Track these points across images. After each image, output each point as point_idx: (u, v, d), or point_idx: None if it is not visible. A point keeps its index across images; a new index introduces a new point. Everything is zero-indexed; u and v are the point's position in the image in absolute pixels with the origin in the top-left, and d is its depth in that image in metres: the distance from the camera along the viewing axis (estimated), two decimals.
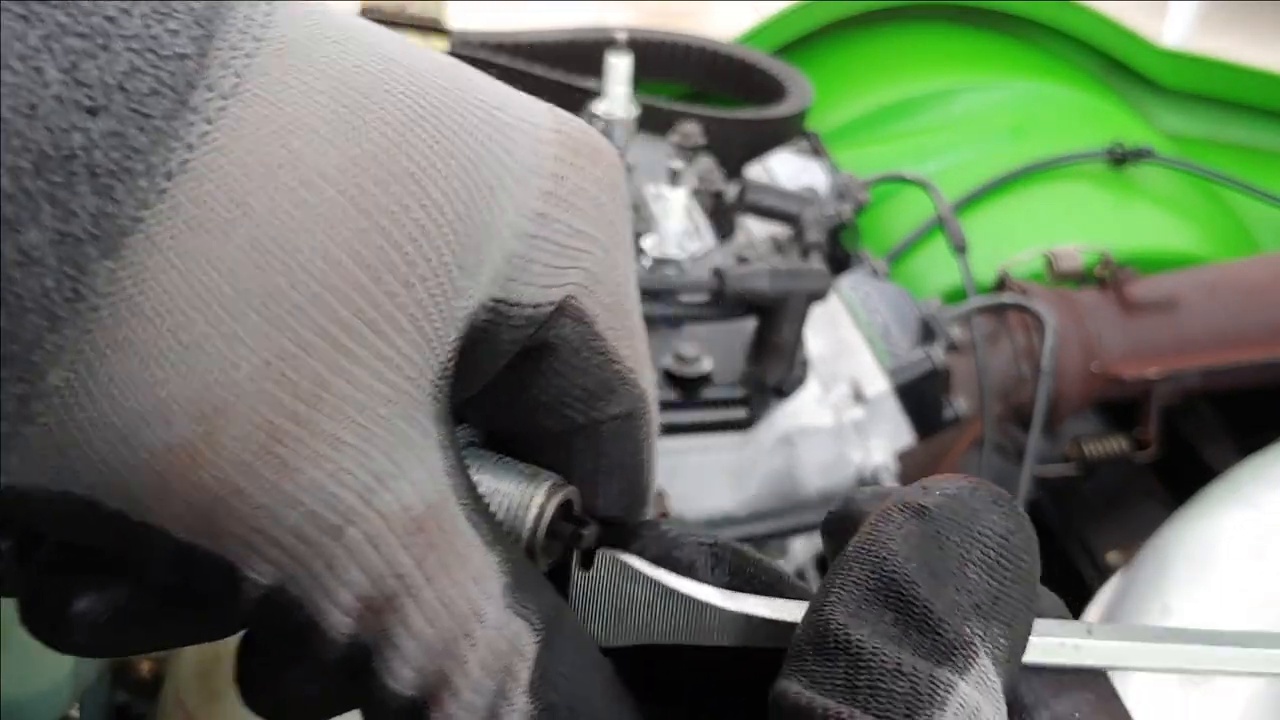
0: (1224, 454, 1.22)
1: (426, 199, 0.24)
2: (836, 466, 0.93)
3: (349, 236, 0.23)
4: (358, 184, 0.23)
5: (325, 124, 0.23)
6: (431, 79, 0.25)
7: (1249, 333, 1.15)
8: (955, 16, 1.63)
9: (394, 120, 0.24)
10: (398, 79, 0.24)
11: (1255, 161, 1.53)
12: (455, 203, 0.24)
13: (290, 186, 0.22)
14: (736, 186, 1.07)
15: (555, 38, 1.29)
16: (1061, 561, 1.20)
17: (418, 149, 0.24)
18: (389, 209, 0.23)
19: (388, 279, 0.23)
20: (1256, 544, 0.79)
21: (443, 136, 0.25)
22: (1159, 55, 1.59)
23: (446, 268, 0.24)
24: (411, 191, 0.24)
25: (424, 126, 0.24)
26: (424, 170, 0.24)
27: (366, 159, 0.23)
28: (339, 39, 0.24)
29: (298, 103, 0.23)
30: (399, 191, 0.24)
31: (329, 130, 0.23)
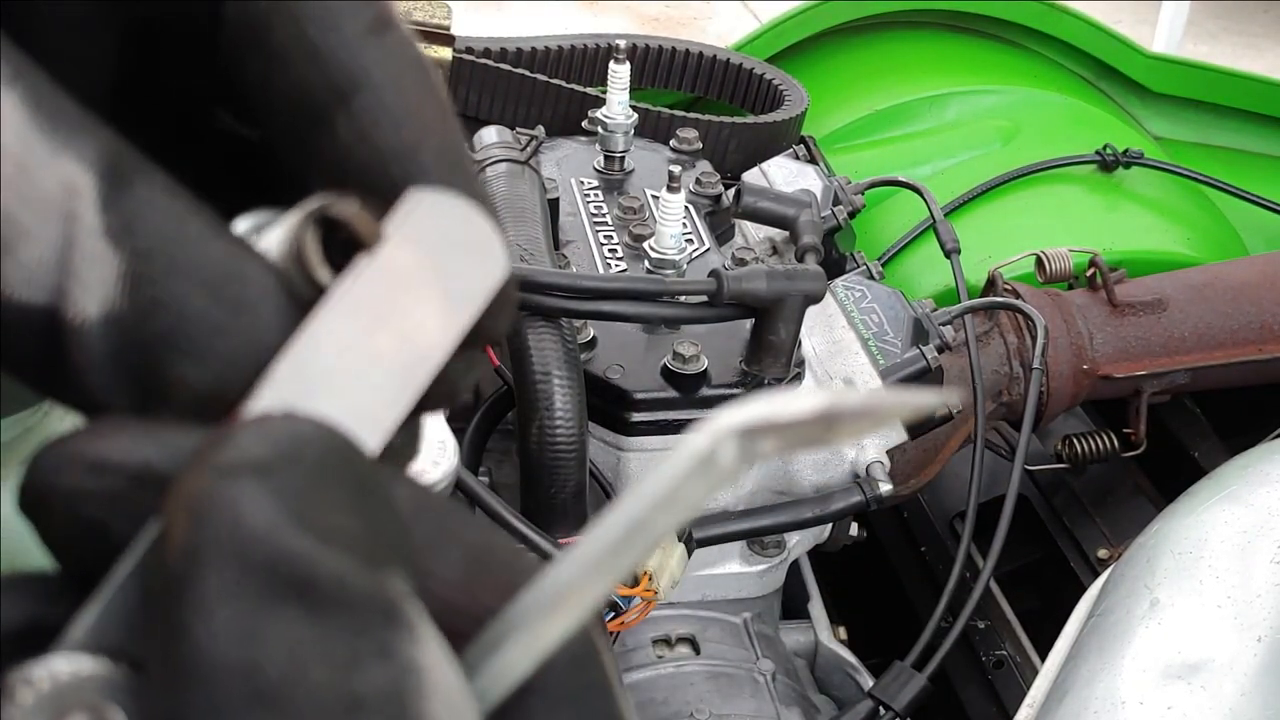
0: (1212, 451, 1.23)
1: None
2: (831, 463, 0.95)
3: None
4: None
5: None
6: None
7: (1237, 332, 1.17)
8: (947, 24, 1.65)
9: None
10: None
11: (1243, 165, 1.55)
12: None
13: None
14: (733, 190, 1.09)
15: (556, 45, 1.31)
16: (1052, 557, 1.21)
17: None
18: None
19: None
20: (1244, 539, 0.80)
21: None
22: (1148, 60, 1.61)
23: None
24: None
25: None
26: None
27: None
28: None
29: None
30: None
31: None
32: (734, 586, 0.97)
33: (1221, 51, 3.97)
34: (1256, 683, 0.70)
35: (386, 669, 0.17)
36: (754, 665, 0.92)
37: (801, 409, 0.19)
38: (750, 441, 0.19)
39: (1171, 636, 0.73)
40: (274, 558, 0.18)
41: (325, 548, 0.18)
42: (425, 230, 0.22)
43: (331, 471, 0.19)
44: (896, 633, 1.06)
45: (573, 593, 0.20)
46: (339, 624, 0.17)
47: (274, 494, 0.18)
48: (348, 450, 0.20)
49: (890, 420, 0.19)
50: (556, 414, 0.81)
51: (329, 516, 0.18)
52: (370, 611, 0.18)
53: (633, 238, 1.00)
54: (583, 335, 0.89)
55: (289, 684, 0.17)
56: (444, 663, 0.19)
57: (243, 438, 0.19)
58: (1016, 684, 1.07)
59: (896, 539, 1.28)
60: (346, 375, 0.21)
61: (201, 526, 0.18)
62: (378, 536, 0.19)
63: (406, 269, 0.22)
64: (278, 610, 0.17)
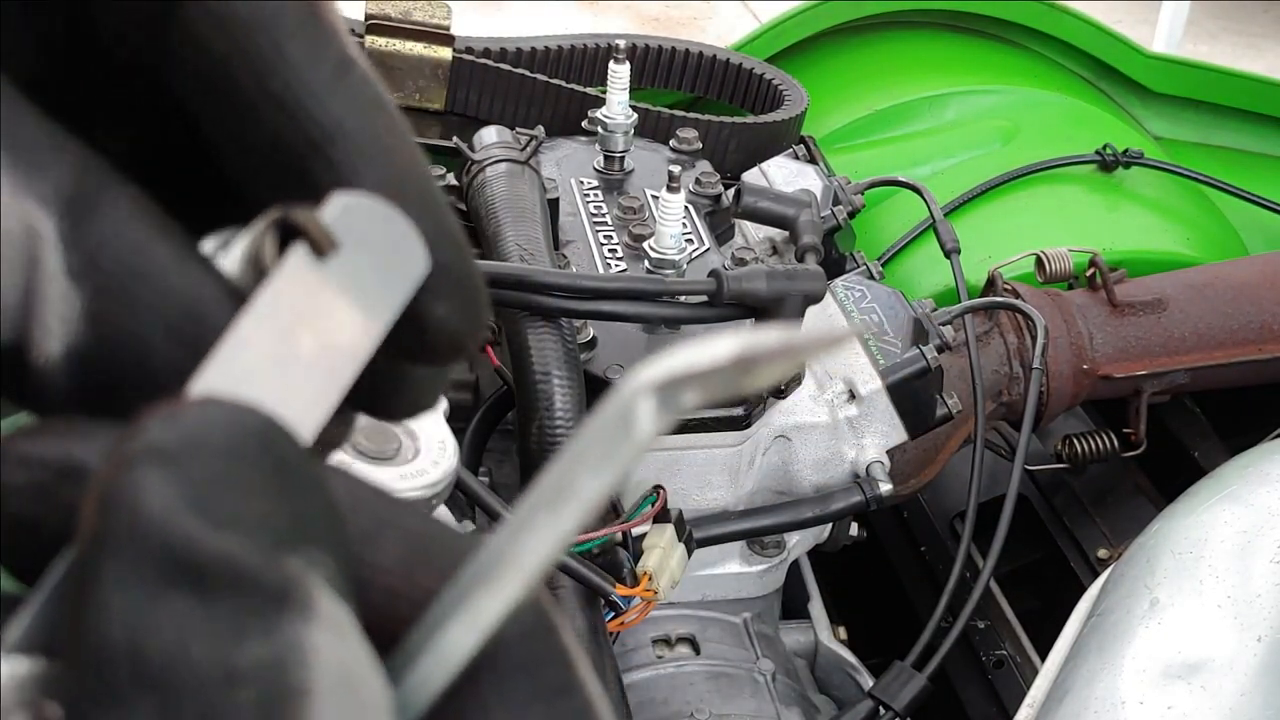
0: (1212, 451, 1.23)
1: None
2: (831, 462, 0.95)
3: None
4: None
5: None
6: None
7: (1236, 332, 1.17)
8: (947, 24, 1.65)
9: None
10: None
11: (1243, 165, 1.55)
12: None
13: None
14: (733, 190, 1.09)
15: (556, 45, 1.31)
16: (1053, 557, 1.21)
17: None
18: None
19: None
20: (1244, 539, 0.80)
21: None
22: (1148, 60, 1.61)
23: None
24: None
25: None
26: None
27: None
28: None
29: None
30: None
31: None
32: (734, 586, 0.97)
33: (1221, 51, 3.97)
34: (1256, 682, 0.70)
35: (267, 644, 0.18)
36: (754, 665, 0.92)
37: (716, 354, 0.19)
38: (670, 394, 0.19)
39: (1171, 636, 0.73)
40: (167, 543, 0.18)
41: (217, 531, 0.18)
42: (346, 231, 0.23)
43: (243, 455, 0.19)
44: (896, 633, 1.06)
45: (509, 561, 0.20)
46: (225, 605, 0.18)
47: (173, 480, 0.19)
48: (267, 434, 0.20)
49: (807, 356, 0.19)
50: (556, 414, 0.81)
51: (232, 500, 0.19)
52: (259, 592, 0.18)
53: (633, 238, 1.00)
54: (583, 335, 0.89)
55: (171, 664, 0.17)
56: (344, 643, 0.19)
57: (150, 426, 0.19)
58: (1016, 684, 1.07)
59: (896, 539, 1.28)
60: (270, 372, 0.22)
61: (104, 516, 0.18)
62: (289, 519, 0.19)
63: (326, 268, 0.23)
64: (167, 594, 0.18)
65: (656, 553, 0.81)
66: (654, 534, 0.83)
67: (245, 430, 0.20)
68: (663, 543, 0.82)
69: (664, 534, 0.82)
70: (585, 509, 0.20)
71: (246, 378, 0.22)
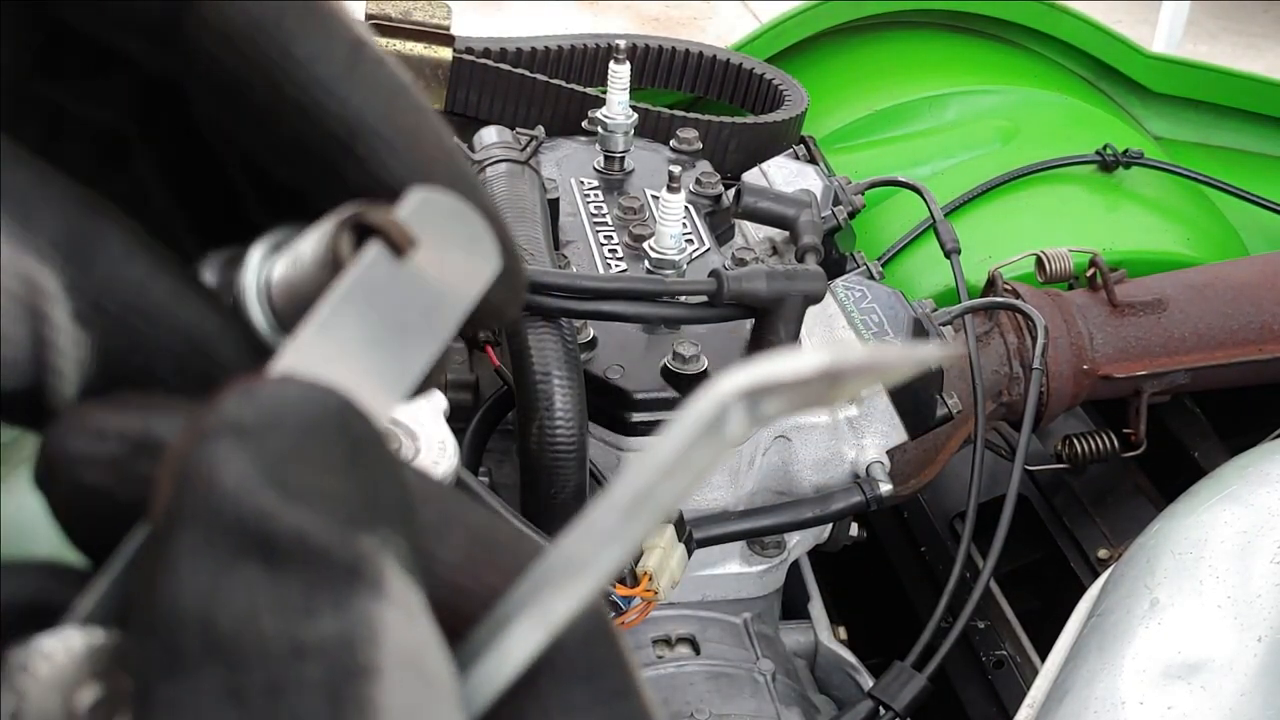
0: (1212, 452, 1.23)
1: None
2: (831, 463, 0.95)
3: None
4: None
5: None
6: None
7: (1236, 332, 1.17)
8: (947, 24, 1.65)
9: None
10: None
11: (1243, 165, 1.55)
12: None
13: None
14: (733, 191, 1.09)
15: (556, 45, 1.31)
16: (1053, 557, 1.21)
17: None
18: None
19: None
20: (1244, 540, 0.80)
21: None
22: (1148, 60, 1.61)
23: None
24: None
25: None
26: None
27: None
28: None
29: None
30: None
31: None
32: (734, 587, 0.97)
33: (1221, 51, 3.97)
34: (1256, 683, 0.70)
35: (337, 619, 0.18)
36: (754, 665, 0.92)
37: (804, 367, 0.19)
38: (754, 403, 0.19)
39: (1171, 636, 0.73)
40: (241, 515, 0.18)
41: (292, 505, 0.18)
42: (421, 224, 0.23)
43: (319, 433, 0.20)
44: (896, 633, 1.06)
45: (581, 566, 0.20)
46: (297, 579, 0.18)
47: (250, 455, 0.19)
48: (344, 414, 0.20)
49: (892, 375, 0.19)
50: (556, 414, 0.81)
51: (307, 477, 0.19)
52: (330, 567, 0.18)
53: (633, 238, 1.00)
54: (583, 335, 0.89)
55: (239, 634, 0.17)
56: (414, 624, 0.19)
57: (228, 402, 0.19)
58: (1016, 684, 1.07)
59: (897, 539, 1.28)
60: (347, 358, 0.22)
61: (179, 488, 0.19)
62: (363, 498, 0.19)
63: (403, 263, 0.23)
64: (239, 566, 0.18)
65: (657, 553, 0.81)
66: (654, 534, 0.83)
67: (322, 409, 0.20)
68: (663, 543, 0.82)
69: (664, 534, 0.82)
70: (662, 514, 0.20)
71: (324, 362, 0.22)
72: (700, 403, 0.19)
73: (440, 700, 0.19)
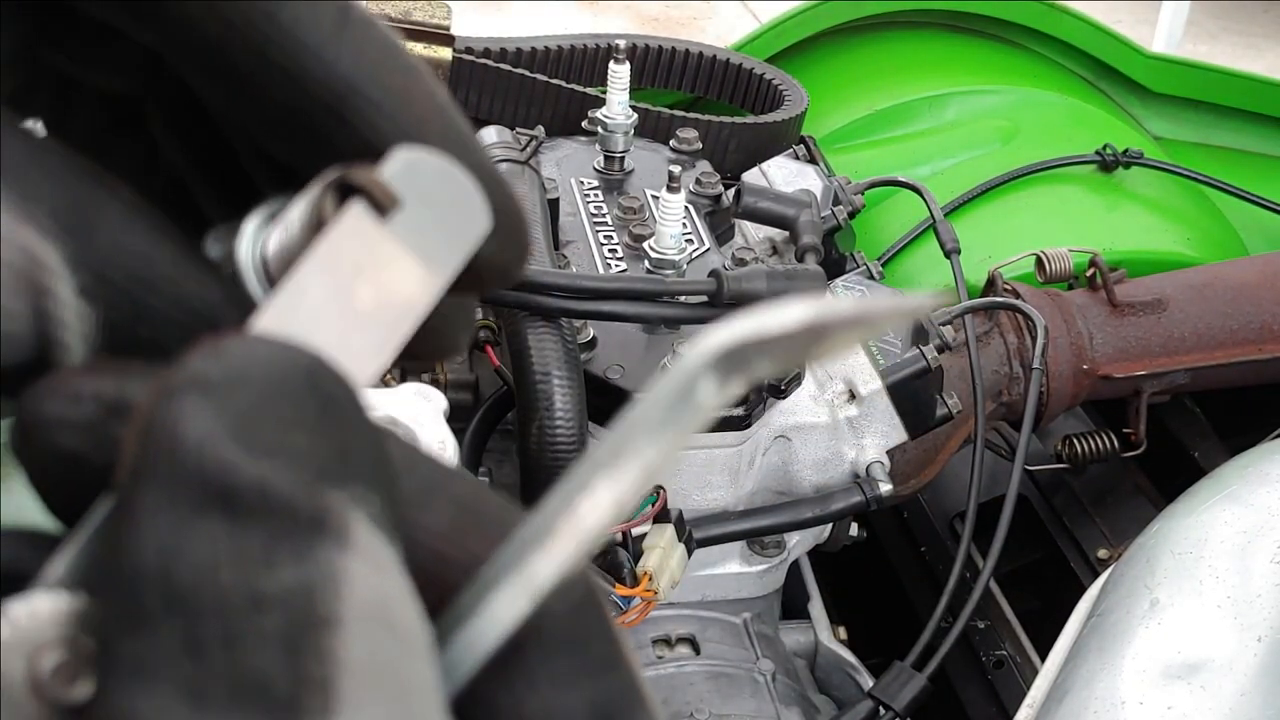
0: (1212, 452, 1.23)
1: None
2: (831, 463, 0.95)
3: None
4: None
5: None
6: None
7: (1236, 332, 1.17)
8: (947, 24, 1.65)
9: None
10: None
11: (1243, 165, 1.55)
12: None
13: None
14: (733, 191, 1.09)
15: (556, 45, 1.31)
16: (1053, 557, 1.21)
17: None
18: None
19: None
20: (1244, 539, 0.80)
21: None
22: (1148, 61, 1.61)
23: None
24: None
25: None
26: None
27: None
28: None
29: None
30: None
31: None
32: (734, 587, 0.97)
33: (1221, 51, 3.97)
34: (1256, 683, 0.70)
35: (297, 570, 0.17)
36: (754, 665, 0.92)
37: (785, 321, 0.18)
38: (737, 360, 0.18)
39: (1171, 636, 0.73)
40: (203, 470, 0.18)
41: (254, 459, 0.18)
42: (407, 187, 0.23)
43: (287, 390, 0.19)
44: (896, 633, 1.06)
45: (565, 523, 0.20)
46: (258, 531, 0.18)
47: (214, 410, 0.18)
48: (315, 371, 0.20)
49: (879, 327, 0.18)
50: (556, 414, 0.81)
51: (273, 433, 0.19)
52: (293, 520, 0.18)
53: (633, 238, 1.00)
54: (583, 335, 0.89)
55: (197, 587, 0.17)
56: (382, 577, 0.18)
57: (194, 360, 0.19)
58: (1016, 684, 1.07)
59: (896, 539, 1.28)
60: (326, 321, 0.22)
61: (143, 445, 0.18)
62: (333, 454, 0.19)
63: (387, 224, 0.22)
64: (200, 520, 0.18)
65: (656, 553, 0.81)
66: (654, 534, 0.83)
67: (291, 366, 0.20)
68: (663, 543, 0.82)
69: (664, 534, 0.82)
70: (644, 474, 0.19)
71: (301, 324, 0.21)
72: (685, 359, 0.19)
73: (409, 655, 0.18)
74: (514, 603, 0.20)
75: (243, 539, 0.17)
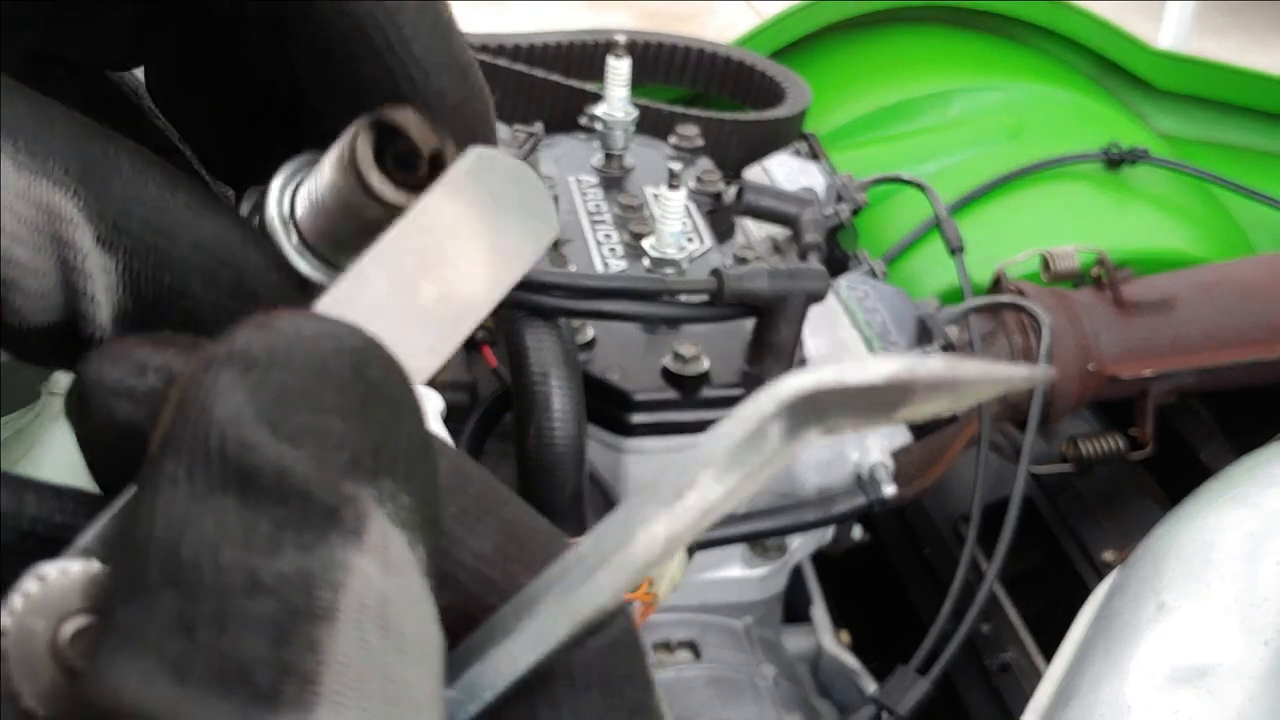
0: (1220, 453, 1.22)
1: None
2: (834, 464, 0.94)
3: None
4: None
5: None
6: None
7: (1244, 332, 1.16)
8: (951, 19, 1.64)
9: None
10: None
11: (1250, 162, 1.54)
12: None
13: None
14: (735, 188, 1.08)
15: (555, 41, 1.30)
16: (1058, 559, 1.20)
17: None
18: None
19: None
20: (1252, 542, 0.79)
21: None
22: (1154, 57, 1.59)
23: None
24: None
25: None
26: None
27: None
28: None
29: None
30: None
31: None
32: (735, 590, 0.96)
33: (1228, 48, 3.95)
34: (1264, 687, 0.70)
35: (299, 559, 0.17)
36: (755, 670, 0.91)
37: (874, 374, 0.17)
38: (817, 407, 0.18)
39: (1178, 640, 0.72)
40: (225, 447, 0.18)
41: (279, 442, 0.18)
42: (479, 185, 0.22)
43: (331, 373, 0.19)
44: (900, 637, 1.05)
45: (616, 556, 0.19)
46: (269, 514, 0.17)
47: (249, 388, 0.18)
48: (364, 357, 0.19)
49: (970, 395, 0.18)
50: (554, 416, 0.80)
51: (307, 416, 0.18)
52: (306, 508, 0.18)
53: (632, 236, 0.99)
54: (582, 336, 0.88)
55: (198, 563, 0.17)
56: (391, 577, 0.18)
57: (240, 333, 0.19)
58: (1021, 689, 1.06)
59: (900, 542, 1.27)
60: (387, 311, 0.22)
61: (177, 416, 0.18)
62: (368, 446, 0.18)
63: (457, 219, 0.22)
64: (214, 497, 0.17)
65: None
66: None
67: (339, 348, 0.19)
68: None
69: None
70: (704, 514, 0.19)
71: (361, 311, 0.21)
72: (759, 399, 0.18)
73: (406, 660, 0.18)
74: (552, 628, 0.19)
75: (251, 521, 0.17)
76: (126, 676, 0.16)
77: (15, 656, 0.18)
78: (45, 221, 0.21)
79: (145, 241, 0.22)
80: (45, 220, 0.21)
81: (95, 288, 0.21)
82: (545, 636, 0.19)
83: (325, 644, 0.17)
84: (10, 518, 0.20)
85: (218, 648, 0.16)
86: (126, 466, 0.20)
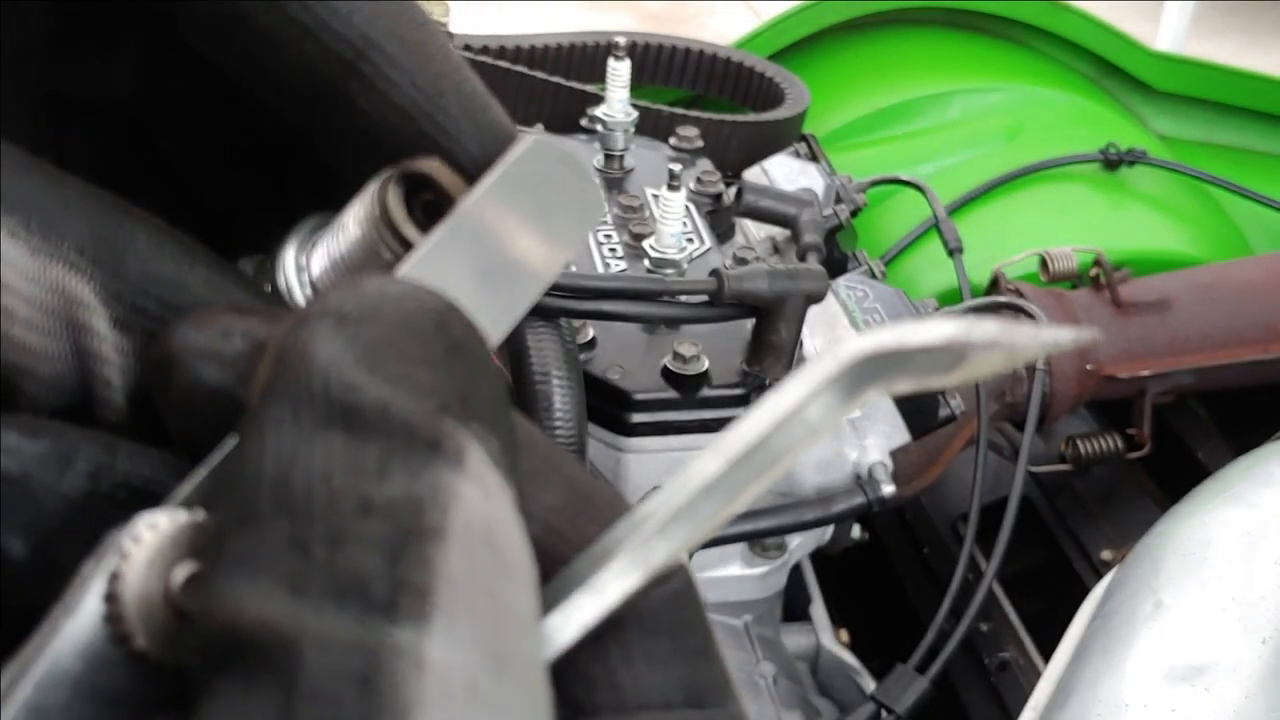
0: (1217, 452, 1.23)
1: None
2: (834, 464, 0.94)
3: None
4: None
5: None
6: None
7: (1242, 332, 1.16)
8: (950, 21, 1.64)
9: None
10: None
11: (1247, 164, 1.54)
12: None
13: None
14: (734, 189, 1.08)
15: (556, 42, 1.30)
16: (1056, 559, 1.21)
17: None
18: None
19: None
20: (1249, 541, 0.79)
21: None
22: (1152, 59, 1.60)
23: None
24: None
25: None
26: None
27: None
28: None
29: None
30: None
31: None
32: (735, 589, 0.97)
33: (1226, 49, 3.95)
34: (1261, 685, 0.70)
35: (408, 482, 0.18)
36: (755, 668, 0.91)
37: (932, 336, 0.18)
38: (879, 368, 0.18)
39: (1176, 639, 0.72)
40: (328, 388, 0.18)
41: (379, 381, 0.19)
42: (534, 170, 0.24)
43: (417, 328, 0.20)
44: (899, 635, 1.06)
45: (686, 511, 0.20)
46: (375, 445, 0.18)
47: (345, 337, 0.19)
48: (446, 315, 0.20)
49: (1023, 355, 0.18)
50: (556, 415, 0.80)
51: (399, 365, 0.19)
52: (410, 439, 0.18)
53: (632, 237, 0.99)
54: (582, 335, 0.89)
55: (310, 491, 0.18)
56: (492, 501, 0.19)
57: (332, 294, 0.20)
58: (1020, 687, 1.06)
59: (899, 541, 1.27)
60: (462, 279, 0.23)
61: (275, 367, 0.19)
62: (456, 393, 0.19)
63: (513, 202, 0.23)
64: (321, 433, 0.18)
65: None
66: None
67: (423, 307, 0.20)
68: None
69: None
70: (772, 470, 0.20)
71: (437, 277, 0.22)
72: (824, 359, 0.19)
73: (510, 578, 0.19)
74: (625, 577, 0.20)
75: (359, 451, 0.18)
76: (244, 594, 0.17)
77: (129, 600, 0.19)
78: (60, 306, 0.21)
79: (161, 322, 0.22)
80: (60, 304, 0.21)
81: (110, 371, 0.22)
82: (619, 585, 0.20)
83: (437, 560, 0.17)
84: (106, 469, 0.20)
85: (334, 565, 0.17)
86: (213, 430, 0.21)
